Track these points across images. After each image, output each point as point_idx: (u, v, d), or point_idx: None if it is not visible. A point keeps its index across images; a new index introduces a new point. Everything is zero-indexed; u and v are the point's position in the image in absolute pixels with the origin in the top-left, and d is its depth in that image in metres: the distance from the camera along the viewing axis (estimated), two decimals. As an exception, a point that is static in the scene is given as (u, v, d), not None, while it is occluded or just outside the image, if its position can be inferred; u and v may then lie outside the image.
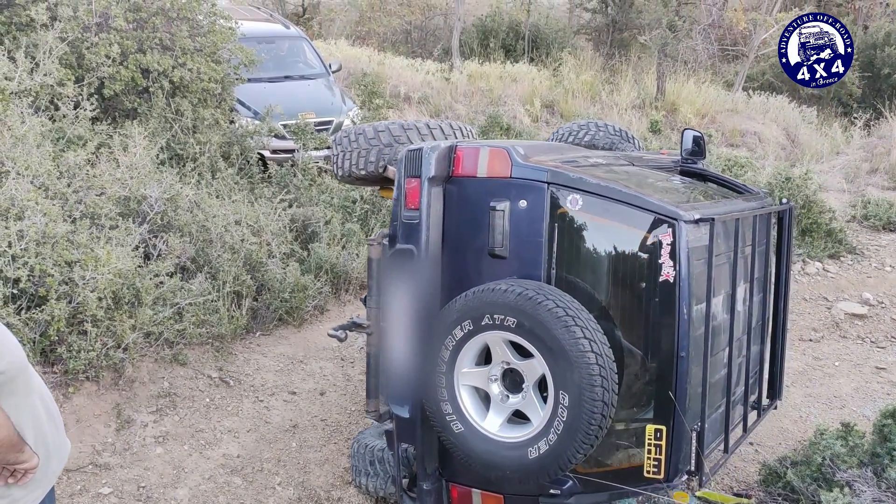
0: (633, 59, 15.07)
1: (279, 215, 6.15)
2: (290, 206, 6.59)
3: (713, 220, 3.12)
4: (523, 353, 3.16)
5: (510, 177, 3.36)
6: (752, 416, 4.07)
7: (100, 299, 4.33)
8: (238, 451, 4.41)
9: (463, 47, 14.76)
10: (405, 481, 3.72)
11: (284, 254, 5.95)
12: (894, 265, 7.88)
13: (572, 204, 3.26)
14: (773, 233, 4.32)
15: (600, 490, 3.31)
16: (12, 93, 5.14)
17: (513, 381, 3.25)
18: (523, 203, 3.32)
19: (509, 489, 3.45)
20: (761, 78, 15.68)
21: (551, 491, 3.34)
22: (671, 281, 3.08)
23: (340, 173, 4.20)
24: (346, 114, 8.64)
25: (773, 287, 4.29)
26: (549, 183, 3.30)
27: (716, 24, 16.24)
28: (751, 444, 4.85)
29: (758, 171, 9.26)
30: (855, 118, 13.53)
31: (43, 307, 4.11)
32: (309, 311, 5.87)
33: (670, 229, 3.08)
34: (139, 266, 4.76)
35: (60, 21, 5.88)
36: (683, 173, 4.40)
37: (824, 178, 10.18)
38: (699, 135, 4.46)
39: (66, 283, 4.25)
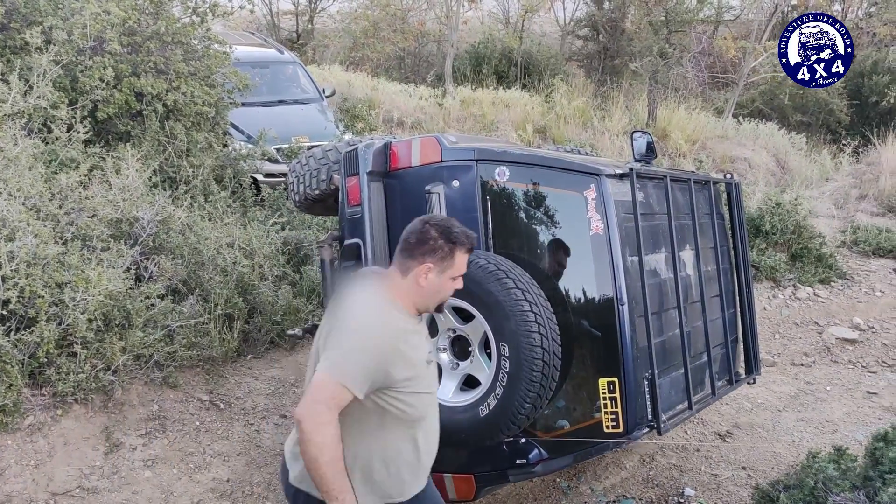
0: (624, 86, 15.20)
1: (271, 238, 6.14)
2: (283, 228, 6.60)
3: (632, 169, 3.33)
4: (465, 318, 3.30)
5: (441, 161, 3.56)
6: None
7: (90, 321, 4.30)
8: (228, 475, 4.37)
9: (456, 73, 14.89)
10: None
11: (277, 276, 5.94)
12: (884, 290, 7.92)
13: (500, 176, 3.44)
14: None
15: (565, 453, 3.40)
16: (5, 115, 5.15)
17: (461, 348, 3.38)
18: (456, 183, 3.52)
19: (478, 468, 3.53)
20: (751, 105, 15.85)
21: (518, 461, 3.40)
22: (601, 233, 3.24)
23: (297, 198, 4.28)
24: (339, 138, 8.67)
25: (733, 264, 4.52)
26: (477, 160, 3.50)
27: (706, 51, 16.44)
28: (743, 468, 4.83)
29: (748, 197, 9.32)
30: (844, 145, 13.67)
31: (32, 329, 4.08)
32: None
33: (593, 184, 3.25)
34: (130, 288, 4.74)
35: (55, 44, 5.90)
36: None
37: (814, 203, 10.25)
38: (651, 140, 4.59)
39: (57, 305, 4.23)
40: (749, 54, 14.44)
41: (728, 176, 4.56)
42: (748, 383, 4.54)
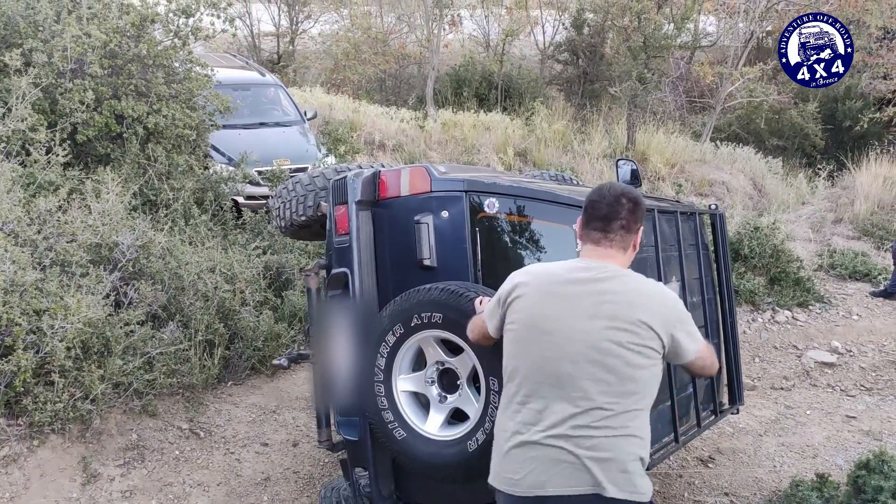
0: (603, 110, 15.35)
1: (253, 262, 6.10)
2: (264, 252, 6.56)
3: None
4: (454, 351, 3.25)
5: (431, 191, 3.53)
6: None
7: (68, 349, 4.24)
8: (208, 506, 4.30)
9: (437, 96, 14.96)
10: None
11: (258, 302, 5.89)
12: (861, 314, 8.01)
13: (489, 207, 3.42)
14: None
15: None
16: (-16, 138, 5.09)
17: (449, 381, 3.32)
18: (445, 213, 3.49)
19: (466, 503, 3.45)
20: (728, 129, 16.07)
21: None
22: None
23: (283, 224, 4.27)
24: (321, 161, 8.66)
25: (717, 293, 4.52)
26: (466, 191, 3.47)
27: (684, 76, 16.69)
28: (726, 494, 4.84)
29: (727, 221, 9.41)
30: (819, 169, 13.88)
31: (9, 357, 4.01)
32: (282, 360, 5.79)
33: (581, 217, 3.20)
34: (109, 315, 4.68)
35: (35, 67, 5.87)
36: None
37: (791, 227, 10.38)
38: (635, 167, 4.61)
39: (34, 333, 4.16)
40: (725, 79, 14.65)
41: (712, 206, 4.60)
42: (732, 413, 4.55)
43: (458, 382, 3.27)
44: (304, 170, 8.37)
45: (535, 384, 2.41)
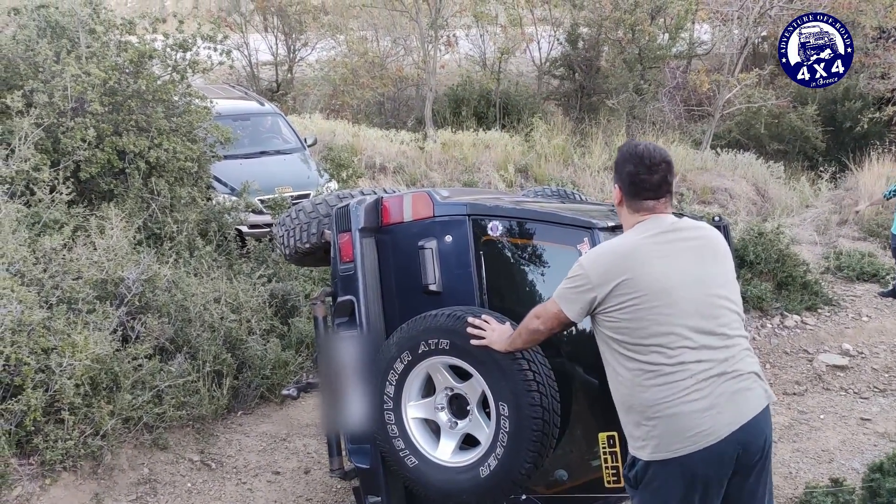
0: (602, 122, 15.39)
1: (258, 291, 6.12)
2: (269, 281, 6.58)
3: None
4: (463, 376, 3.23)
5: (434, 216, 3.53)
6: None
7: (77, 386, 4.25)
8: (221, 538, 4.29)
9: (436, 116, 15.04)
10: None
11: (264, 330, 5.90)
12: (871, 315, 7.97)
13: (493, 230, 3.41)
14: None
15: None
16: (-12, 180, 5.14)
17: (459, 407, 3.31)
18: (449, 238, 3.48)
19: None
20: (728, 136, 16.07)
21: None
22: None
23: (287, 251, 4.29)
24: (323, 187, 8.71)
25: None
26: (469, 215, 3.46)
27: (681, 86, 16.73)
28: (743, 503, 4.80)
29: (731, 228, 9.40)
30: (821, 171, 13.87)
31: (19, 397, 4.03)
32: (291, 387, 5.78)
33: (587, 238, 3.20)
34: (117, 350, 4.70)
35: (36, 107, 5.93)
36: None
37: (796, 231, 10.36)
38: None
39: (43, 371, 4.18)
40: (723, 87, 14.69)
41: (716, 218, 4.56)
42: None
43: (468, 408, 3.25)
44: (306, 196, 8.44)
45: (687, 338, 2.54)
